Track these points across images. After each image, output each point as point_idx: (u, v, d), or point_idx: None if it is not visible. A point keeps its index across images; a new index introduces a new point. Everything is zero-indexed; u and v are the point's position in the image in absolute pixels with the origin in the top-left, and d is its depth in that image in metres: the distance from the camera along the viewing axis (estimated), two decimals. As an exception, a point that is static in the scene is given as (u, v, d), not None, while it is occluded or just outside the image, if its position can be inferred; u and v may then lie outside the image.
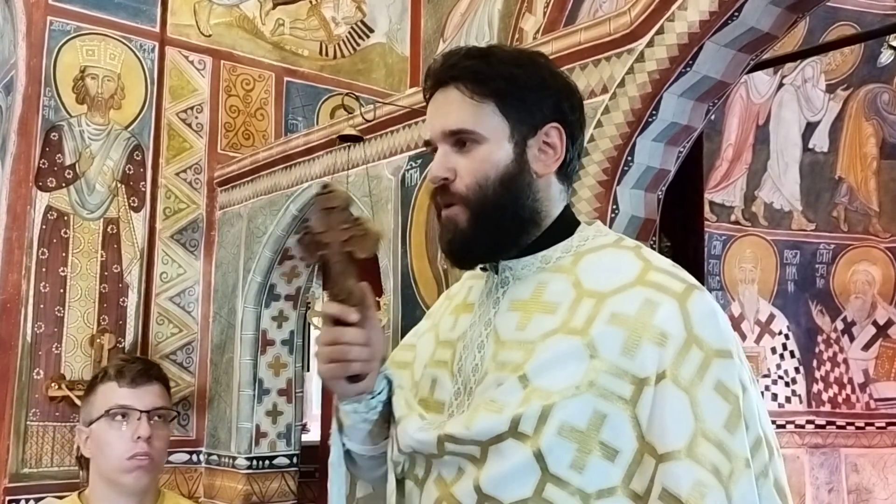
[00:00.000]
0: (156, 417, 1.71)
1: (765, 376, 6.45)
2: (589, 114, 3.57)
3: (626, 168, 3.60)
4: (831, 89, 6.44)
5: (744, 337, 6.41)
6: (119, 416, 1.69)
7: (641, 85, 3.48)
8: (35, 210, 5.44)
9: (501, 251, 1.22)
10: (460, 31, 6.33)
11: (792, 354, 6.58)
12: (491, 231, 1.19)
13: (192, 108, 6.16)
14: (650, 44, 3.44)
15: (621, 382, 1.08)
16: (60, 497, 5.22)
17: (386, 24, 7.10)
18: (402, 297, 4.59)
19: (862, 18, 5.88)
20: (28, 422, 5.24)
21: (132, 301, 5.73)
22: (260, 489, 5.73)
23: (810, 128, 6.48)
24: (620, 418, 1.07)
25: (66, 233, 5.53)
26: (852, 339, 6.69)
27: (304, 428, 6.90)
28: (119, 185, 5.77)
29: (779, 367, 6.52)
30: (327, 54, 6.87)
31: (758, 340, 6.51)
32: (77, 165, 5.62)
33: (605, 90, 3.61)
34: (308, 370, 7.37)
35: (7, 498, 5.11)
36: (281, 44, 6.64)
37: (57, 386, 5.29)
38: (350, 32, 6.98)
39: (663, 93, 3.46)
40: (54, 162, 5.54)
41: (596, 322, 1.11)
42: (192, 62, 6.19)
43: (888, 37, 5.79)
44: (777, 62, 5.17)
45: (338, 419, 1.29)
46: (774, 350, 6.55)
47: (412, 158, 4.65)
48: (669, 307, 1.10)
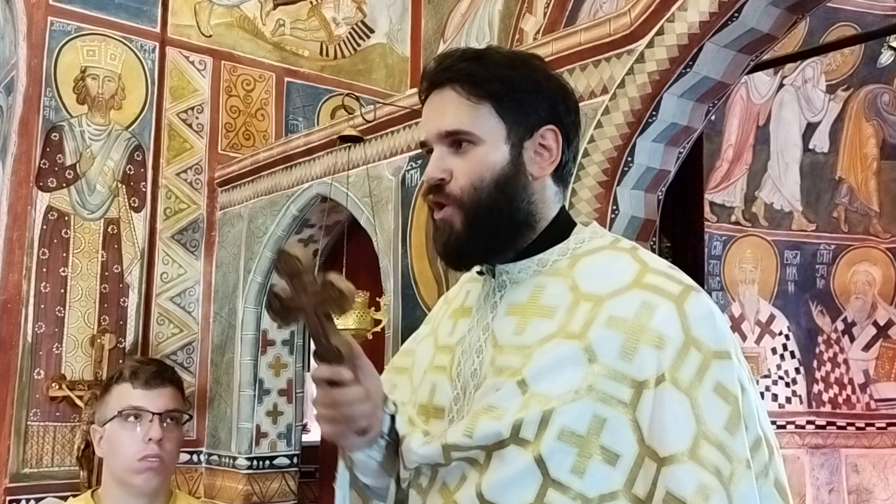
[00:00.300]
0: (168, 420, 1.72)
1: (765, 377, 6.45)
2: (589, 114, 3.58)
3: (626, 169, 3.60)
4: (831, 90, 6.44)
5: (744, 337, 6.42)
6: (132, 418, 1.70)
7: (641, 86, 3.48)
8: (36, 210, 5.44)
9: (497, 254, 1.21)
10: (460, 32, 6.33)
11: (792, 355, 6.58)
12: (486, 233, 1.18)
13: (193, 109, 6.16)
14: (650, 44, 3.44)
15: (620, 386, 1.08)
16: (63, 497, 5.24)
17: (386, 25, 7.10)
18: (403, 298, 4.59)
19: (862, 19, 5.88)
20: (28, 422, 5.24)
21: (133, 301, 5.73)
22: (260, 489, 5.73)
23: (810, 128, 6.48)
24: (620, 422, 1.07)
25: (67, 233, 5.54)
26: (853, 340, 6.69)
27: (305, 428, 6.89)
28: (119, 186, 5.77)
29: (779, 368, 6.52)
30: (328, 55, 6.87)
31: (758, 341, 6.51)
32: (78, 166, 5.62)
33: (605, 91, 3.61)
34: (308, 370, 7.37)
35: (7, 498, 5.12)
36: (281, 44, 6.64)
37: (57, 386, 5.29)
38: (350, 33, 6.98)
39: (663, 93, 3.46)
40: (55, 162, 5.54)
41: (594, 326, 1.11)
42: (193, 62, 6.19)
43: (888, 37, 5.79)
44: (777, 63, 5.17)
45: (347, 459, 1.27)
46: (775, 350, 6.56)
47: (412, 159, 4.65)
48: (667, 310, 1.10)
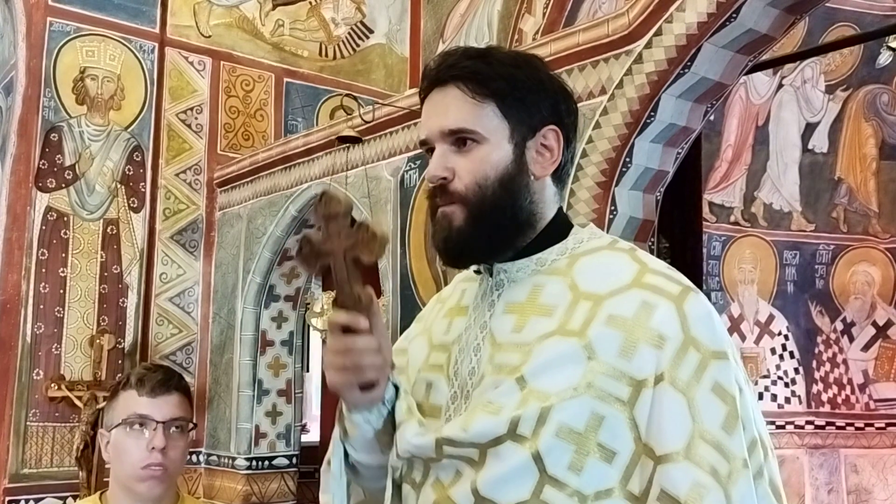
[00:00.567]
0: (173, 428, 1.72)
1: (764, 377, 6.45)
2: (587, 115, 3.58)
3: (625, 169, 3.60)
4: (831, 90, 6.44)
5: (743, 337, 6.42)
6: (136, 425, 1.70)
7: (640, 86, 3.48)
8: (35, 211, 5.44)
9: (497, 252, 1.21)
10: (460, 32, 6.33)
11: (791, 355, 6.58)
12: (488, 231, 1.18)
13: (192, 109, 6.17)
14: (648, 45, 3.45)
15: (619, 384, 1.08)
16: (62, 498, 5.23)
17: (385, 25, 7.11)
18: (402, 299, 4.59)
19: (861, 19, 5.88)
20: (28, 422, 5.25)
21: (132, 302, 5.74)
22: (259, 489, 5.74)
23: (810, 128, 6.48)
24: (618, 420, 1.08)
25: (66, 233, 5.54)
26: (852, 340, 6.69)
27: (304, 428, 6.90)
28: (119, 186, 5.77)
29: (778, 368, 6.52)
30: (327, 55, 6.88)
31: (757, 341, 6.51)
32: (77, 166, 5.63)
33: (604, 91, 3.61)
34: (307, 371, 7.38)
35: (7, 498, 5.12)
36: (280, 45, 6.65)
37: (57, 386, 5.29)
38: (350, 33, 6.98)
39: (661, 94, 3.46)
40: (54, 163, 5.55)
41: (593, 324, 1.11)
42: (192, 63, 6.20)
43: (887, 38, 5.79)
44: (776, 63, 5.18)
45: (343, 429, 1.27)
46: (774, 351, 6.55)
47: (411, 159, 4.66)
48: (666, 309, 1.11)
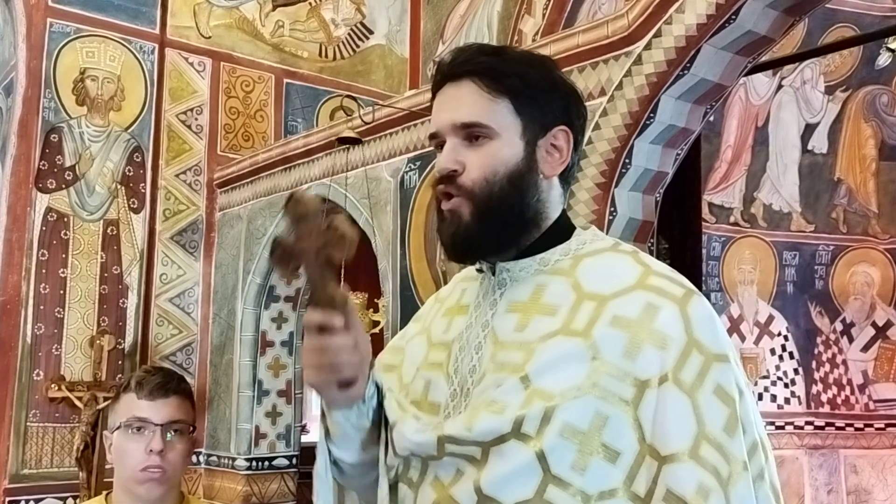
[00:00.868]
0: (171, 431, 1.73)
1: (764, 377, 6.45)
2: (587, 113, 3.58)
3: (624, 170, 3.61)
4: (830, 91, 6.44)
5: (743, 338, 6.42)
6: (135, 429, 1.72)
7: (639, 87, 3.49)
8: (35, 211, 5.45)
9: (503, 249, 1.21)
10: (459, 33, 6.34)
11: (791, 356, 6.58)
12: (495, 227, 1.19)
13: (192, 110, 6.17)
14: (648, 46, 3.45)
15: (622, 385, 1.09)
16: (62, 499, 5.23)
17: (385, 26, 7.11)
18: (402, 299, 4.60)
19: (861, 20, 5.89)
20: (28, 423, 5.25)
21: (132, 302, 5.74)
22: (259, 490, 5.74)
23: (809, 129, 6.48)
24: (621, 420, 1.08)
25: (66, 234, 5.54)
26: (851, 341, 6.70)
27: (304, 429, 6.90)
28: (119, 187, 5.78)
29: (778, 369, 6.52)
30: (327, 56, 6.88)
31: (757, 342, 6.52)
32: (77, 167, 5.63)
33: (603, 93, 3.61)
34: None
35: (7, 499, 5.12)
36: (280, 45, 6.65)
37: (57, 387, 5.30)
38: (349, 34, 6.99)
39: (661, 95, 3.47)
40: (54, 163, 5.55)
41: (598, 324, 1.12)
42: (192, 64, 6.20)
43: (886, 39, 5.79)
44: (776, 64, 5.18)
45: (325, 428, 1.28)
46: (773, 351, 6.56)
47: (411, 160, 4.66)
48: (670, 311, 1.12)
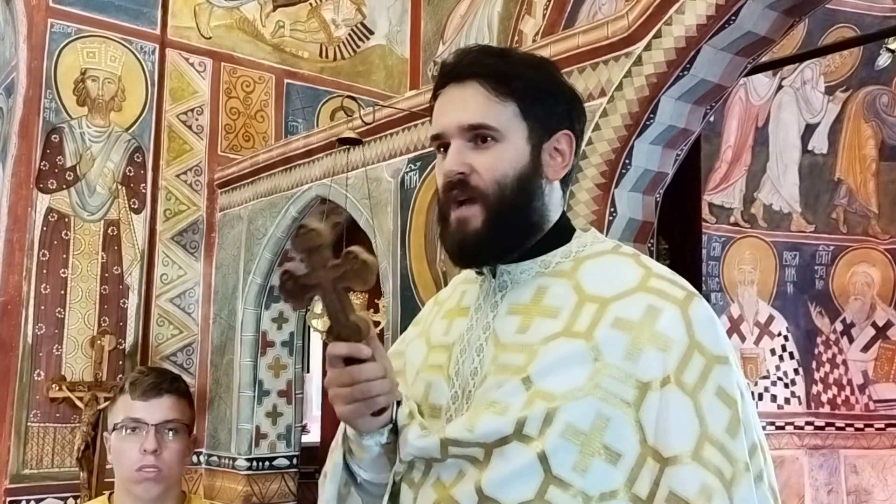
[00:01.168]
0: (166, 430, 1.74)
1: (764, 378, 6.45)
2: (587, 117, 3.59)
3: (624, 171, 3.61)
4: (830, 91, 6.44)
5: (743, 338, 6.42)
6: (130, 429, 1.73)
7: (639, 88, 3.49)
8: (36, 212, 5.45)
9: (508, 253, 1.21)
10: (460, 34, 6.34)
11: (791, 356, 6.58)
12: (504, 232, 1.19)
13: (193, 110, 6.17)
14: (648, 47, 3.45)
15: (624, 386, 1.09)
16: (63, 499, 5.24)
17: (386, 27, 7.11)
18: (402, 300, 4.60)
19: (861, 20, 5.89)
20: (29, 423, 5.26)
21: (133, 303, 5.75)
22: (260, 490, 5.74)
23: (809, 129, 6.48)
24: (623, 422, 1.09)
25: (67, 234, 5.55)
26: (851, 341, 6.70)
27: (304, 429, 6.91)
28: (119, 187, 5.78)
29: (778, 369, 6.53)
30: (327, 56, 6.88)
31: (757, 342, 6.52)
32: (78, 167, 5.64)
33: (603, 93, 3.62)
34: (308, 371, 7.39)
35: (8, 499, 5.13)
36: (281, 46, 6.65)
37: (57, 387, 5.30)
38: (350, 34, 6.99)
39: (661, 96, 3.47)
40: (55, 164, 5.56)
41: (600, 326, 1.12)
42: (193, 64, 6.21)
43: (886, 39, 5.79)
44: (776, 64, 5.17)
45: (348, 451, 1.26)
46: (774, 351, 6.56)
47: (412, 161, 4.66)
48: (672, 313, 1.12)
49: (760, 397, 6.34)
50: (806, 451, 6.45)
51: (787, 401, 6.50)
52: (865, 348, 6.68)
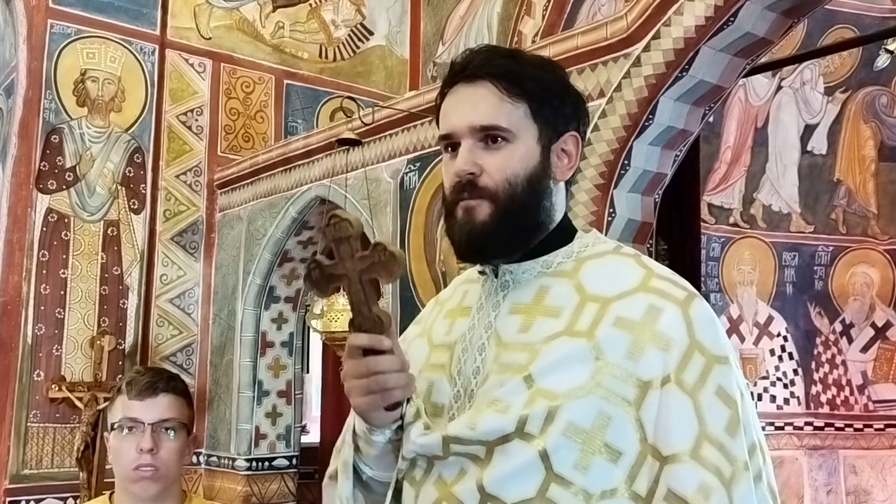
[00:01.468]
0: (163, 429, 1.74)
1: (763, 378, 6.46)
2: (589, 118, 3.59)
3: (623, 172, 3.61)
4: (829, 92, 6.44)
5: (742, 339, 6.43)
6: (127, 428, 1.74)
7: (638, 89, 3.49)
8: (36, 212, 5.46)
9: (515, 251, 1.22)
10: (459, 34, 6.35)
11: (790, 356, 6.58)
12: (512, 229, 1.19)
13: (193, 111, 6.18)
14: (646, 48, 3.46)
15: (625, 385, 1.10)
16: (63, 499, 5.24)
17: (385, 27, 7.12)
18: (401, 300, 4.61)
19: (860, 21, 5.89)
20: (28, 423, 5.26)
21: (132, 303, 5.75)
22: (259, 490, 5.75)
23: (809, 130, 6.49)
24: (624, 420, 1.10)
25: (67, 235, 5.55)
26: (851, 341, 6.70)
27: (304, 429, 6.91)
28: (119, 188, 5.79)
29: (777, 369, 6.53)
30: (327, 57, 6.89)
31: (756, 342, 6.52)
32: (77, 168, 5.64)
33: (602, 94, 3.62)
34: (307, 372, 7.39)
35: (7, 499, 5.13)
36: (281, 46, 6.66)
37: (57, 387, 5.31)
38: (350, 35, 7.00)
39: (660, 97, 3.47)
40: (55, 164, 5.56)
41: (601, 325, 1.13)
42: (193, 65, 6.21)
43: (885, 40, 5.79)
44: (776, 65, 5.18)
45: (356, 448, 1.26)
46: (773, 352, 6.56)
47: (411, 161, 4.67)
48: (673, 313, 1.13)
49: (760, 398, 6.34)
50: (805, 452, 6.45)
51: (787, 401, 6.50)
52: (865, 349, 6.68)
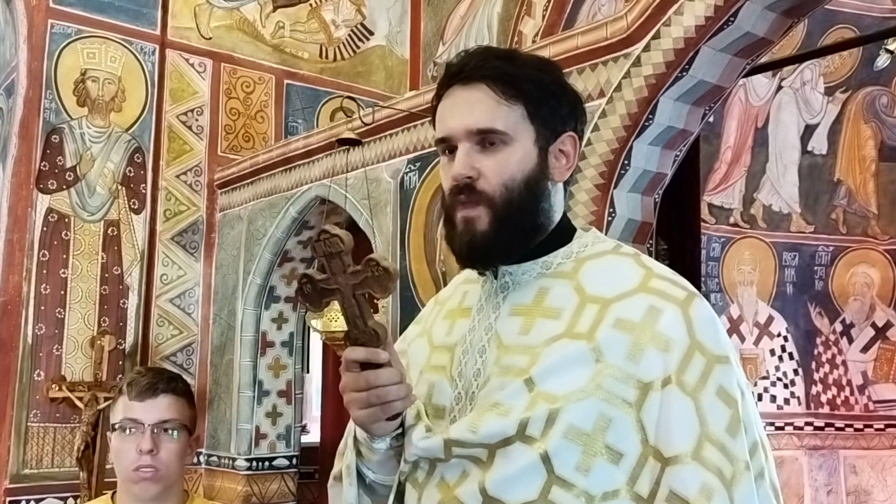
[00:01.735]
0: (162, 430, 1.74)
1: (763, 378, 6.45)
2: (587, 118, 3.59)
3: (623, 172, 3.61)
4: (830, 92, 6.44)
5: (742, 339, 6.42)
6: (127, 429, 1.74)
7: (638, 89, 3.49)
8: (36, 212, 5.46)
9: (514, 254, 1.22)
10: (460, 34, 6.35)
11: (791, 356, 6.58)
12: (511, 234, 1.19)
13: (193, 111, 6.18)
14: (646, 48, 3.46)
15: (626, 387, 1.10)
16: (63, 499, 5.25)
17: (386, 27, 7.12)
18: (401, 300, 4.60)
19: (860, 21, 5.89)
20: (29, 423, 5.26)
21: (132, 303, 5.75)
22: (259, 490, 5.75)
23: (809, 130, 6.48)
24: (625, 422, 1.10)
25: (67, 235, 5.56)
26: (851, 341, 6.70)
27: (304, 429, 6.91)
28: (119, 188, 5.79)
29: (777, 369, 6.53)
30: (327, 57, 6.89)
31: (757, 342, 6.52)
32: (78, 168, 5.64)
33: (602, 94, 3.62)
34: (307, 372, 7.39)
35: (8, 499, 5.13)
36: (281, 46, 6.66)
37: (57, 387, 5.31)
38: (350, 35, 7.00)
39: (660, 97, 3.47)
40: (55, 164, 5.56)
41: (601, 327, 1.13)
42: (193, 65, 6.21)
43: (885, 40, 5.79)
44: (776, 65, 5.18)
45: (358, 453, 1.27)
46: (773, 352, 6.56)
47: (411, 161, 4.67)
48: (673, 314, 1.13)
49: (760, 398, 6.34)
50: (805, 452, 6.45)
51: (787, 401, 6.50)
52: (865, 349, 6.68)
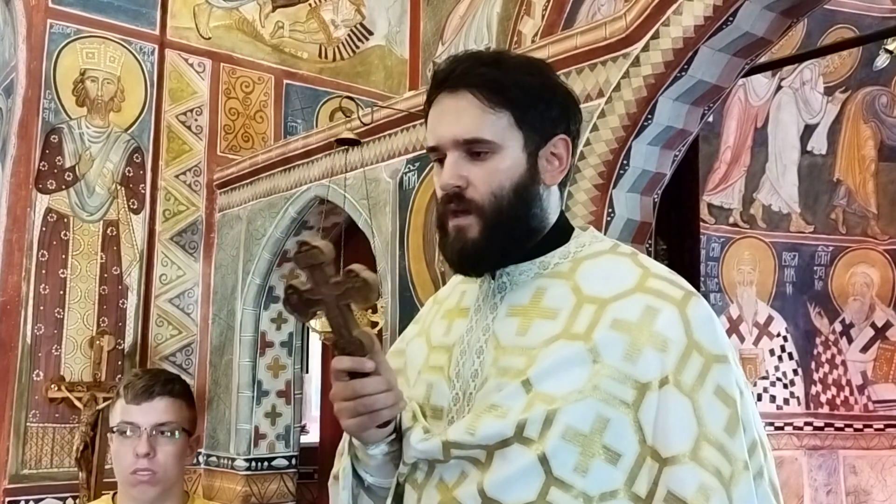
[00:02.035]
0: (159, 433, 1.74)
1: (763, 378, 6.46)
2: (585, 118, 3.57)
3: (622, 172, 3.61)
4: (829, 92, 6.44)
5: (742, 339, 6.42)
6: (125, 432, 1.74)
7: (637, 89, 3.49)
8: (35, 212, 5.46)
9: (508, 259, 1.22)
10: (459, 34, 6.34)
11: (790, 356, 6.58)
12: (503, 241, 1.19)
13: (192, 111, 6.18)
14: (645, 48, 3.46)
15: (623, 387, 1.10)
16: (62, 499, 5.24)
17: (385, 27, 7.12)
18: (400, 300, 4.60)
19: (860, 21, 5.89)
20: (28, 423, 5.26)
21: (132, 303, 5.75)
22: (259, 490, 5.75)
23: (808, 130, 6.48)
24: (623, 422, 1.09)
25: (66, 235, 5.55)
26: (850, 341, 6.70)
27: (303, 429, 6.91)
28: (119, 188, 5.78)
29: (777, 369, 6.53)
30: (326, 57, 6.89)
31: (756, 342, 6.52)
32: (77, 168, 5.64)
33: (601, 94, 3.62)
34: (307, 372, 7.39)
35: (7, 499, 5.13)
36: (280, 46, 6.66)
37: (56, 387, 5.30)
38: (349, 35, 7.00)
39: (658, 97, 3.47)
40: (54, 164, 5.56)
41: (598, 328, 1.12)
42: (192, 65, 6.21)
43: (885, 40, 5.79)
44: (775, 65, 5.18)
45: (354, 457, 1.27)
46: (773, 352, 6.56)
47: (410, 161, 4.67)
48: (670, 313, 1.13)
49: (759, 398, 6.34)
50: (805, 452, 6.45)
51: (787, 401, 6.50)
52: (864, 349, 6.68)
